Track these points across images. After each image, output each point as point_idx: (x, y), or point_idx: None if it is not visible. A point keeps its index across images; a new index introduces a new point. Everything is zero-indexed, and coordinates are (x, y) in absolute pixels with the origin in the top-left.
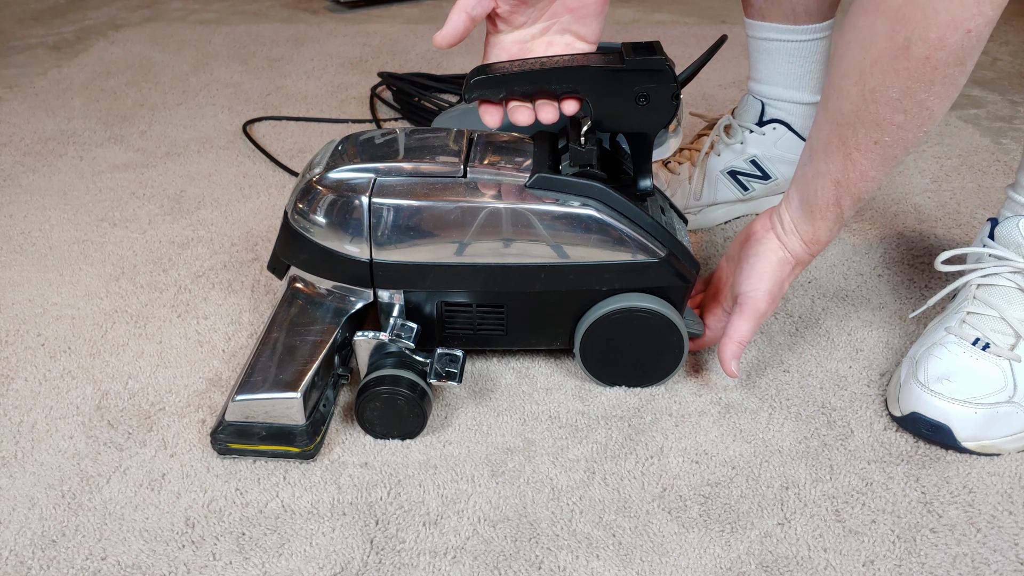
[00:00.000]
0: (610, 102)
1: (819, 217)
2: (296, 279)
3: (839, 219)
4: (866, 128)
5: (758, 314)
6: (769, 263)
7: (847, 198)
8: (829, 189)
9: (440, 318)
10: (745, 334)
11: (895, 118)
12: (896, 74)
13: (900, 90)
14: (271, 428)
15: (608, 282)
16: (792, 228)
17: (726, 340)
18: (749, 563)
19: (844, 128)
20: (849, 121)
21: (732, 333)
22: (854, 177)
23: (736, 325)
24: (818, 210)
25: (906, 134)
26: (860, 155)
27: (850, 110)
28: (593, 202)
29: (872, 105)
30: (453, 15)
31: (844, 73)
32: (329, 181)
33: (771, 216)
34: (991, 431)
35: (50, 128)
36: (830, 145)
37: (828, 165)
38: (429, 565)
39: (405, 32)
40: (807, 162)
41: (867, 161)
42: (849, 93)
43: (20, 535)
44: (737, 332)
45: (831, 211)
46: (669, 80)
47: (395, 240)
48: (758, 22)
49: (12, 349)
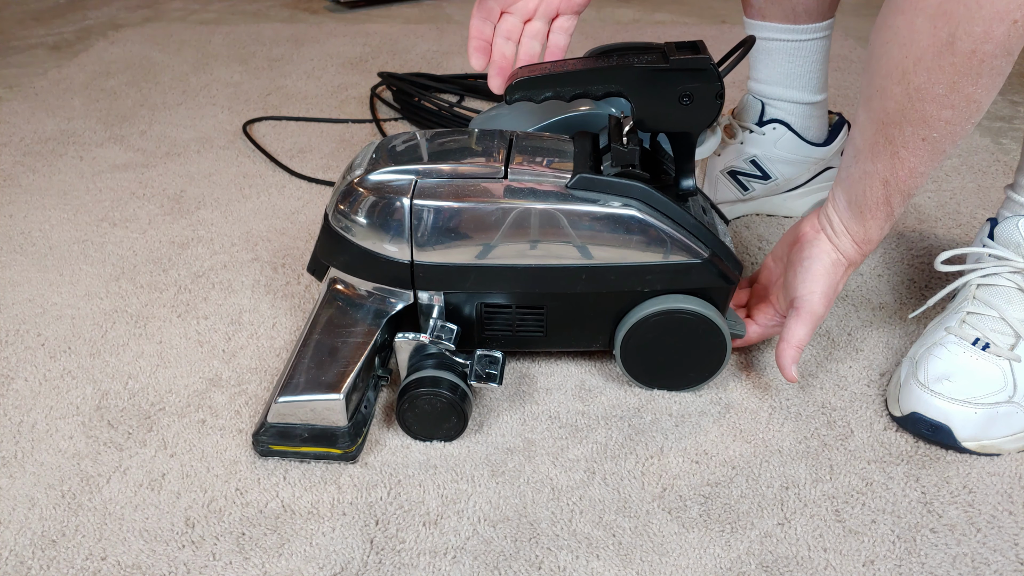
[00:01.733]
0: (653, 102)
1: (869, 217)
2: (336, 281)
3: (889, 217)
4: (913, 126)
5: (815, 317)
6: (823, 265)
7: (897, 196)
8: (878, 189)
9: (480, 319)
10: (803, 338)
11: (943, 114)
12: (941, 70)
13: (946, 86)
14: (313, 430)
15: (650, 283)
16: (843, 229)
17: (784, 345)
18: (749, 563)
19: (890, 128)
20: (895, 120)
21: (790, 338)
22: (903, 175)
23: (793, 329)
24: (868, 210)
25: (954, 128)
26: (908, 153)
27: (895, 109)
28: (635, 203)
29: (918, 103)
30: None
31: (885, 74)
32: (370, 183)
33: (819, 217)
34: (991, 431)
35: (50, 128)
36: (876, 145)
37: (875, 165)
38: (429, 565)
39: (405, 32)
40: (852, 163)
41: (915, 158)
42: (893, 93)
43: (20, 535)
44: (795, 336)
45: (881, 210)
46: (713, 79)
47: (436, 241)
48: (757, 22)
49: (12, 349)
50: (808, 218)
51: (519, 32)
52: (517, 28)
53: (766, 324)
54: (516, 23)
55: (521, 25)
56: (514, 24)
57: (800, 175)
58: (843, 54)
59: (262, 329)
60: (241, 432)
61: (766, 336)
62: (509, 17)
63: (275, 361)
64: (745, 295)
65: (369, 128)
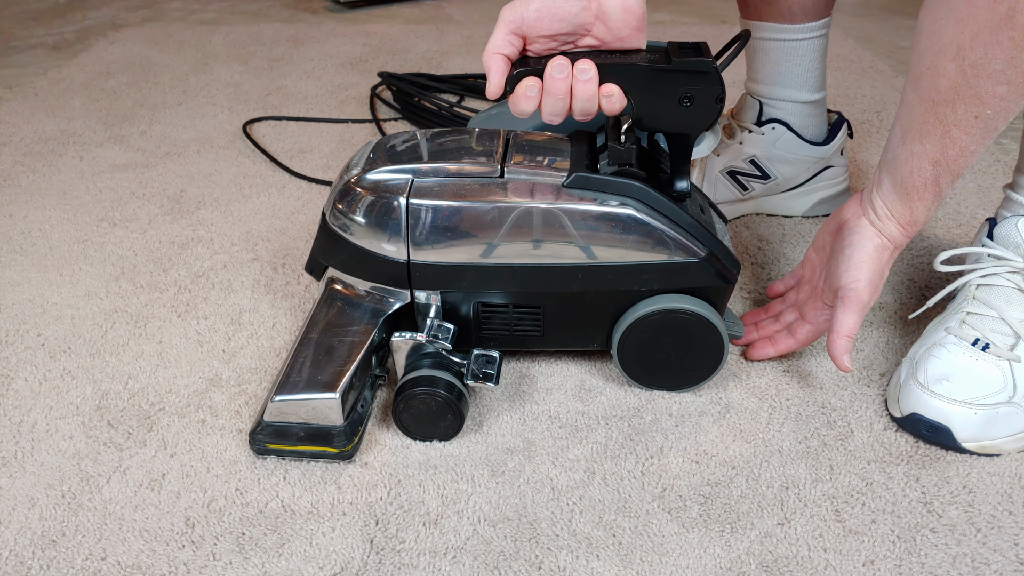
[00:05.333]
0: (653, 101)
1: (917, 198)
2: (334, 280)
3: (937, 197)
4: (966, 104)
5: (862, 304)
6: (867, 251)
7: (946, 176)
8: (927, 169)
9: (477, 319)
10: (852, 327)
11: (998, 90)
12: (1000, 45)
13: (1004, 61)
14: (309, 428)
15: (647, 283)
16: (886, 213)
17: (834, 336)
18: (749, 563)
19: (941, 106)
20: (947, 99)
21: (839, 328)
22: (953, 154)
23: (842, 319)
24: (915, 191)
25: (1009, 104)
26: (960, 131)
27: (947, 87)
28: (632, 201)
29: (973, 80)
30: (490, 62)
31: (938, 51)
32: (367, 182)
33: (860, 202)
34: (991, 431)
35: (50, 128)
36: (926, 124)
37: (924, 145)
38: (429, 565)
39: (405, 32)
40: (899, 144)
41: (967, 136)
42: (946, 70)
43: (20, 535)
44: (844, 326)
45: (929, 191)
46: (715, 82)
47: (433, 241)
48: (754, 22)
49: (12, 349)
50: (849, 204)
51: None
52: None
53: (817, 320)
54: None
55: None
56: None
57: (800, 174)
58: (843, 54)
59: (262, 329)
60: (241, 432)
61: (820, 333)
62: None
63: (275, 361)
64: (793, 294)
65: (369, 128)
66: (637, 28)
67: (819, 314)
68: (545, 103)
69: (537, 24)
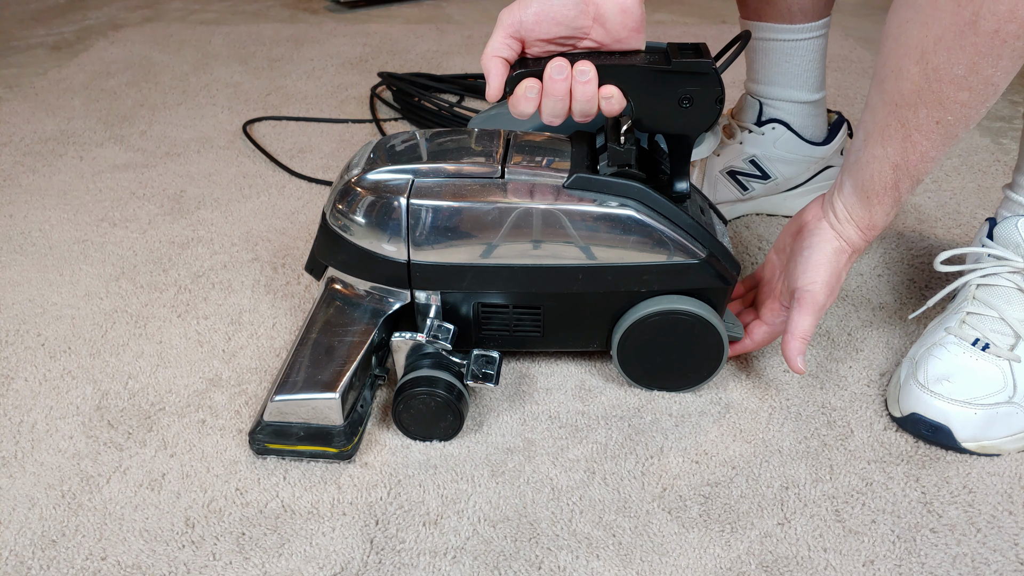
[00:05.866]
0: (653, 103)
1: (876, 202)
2: (334, 280)
3: (896, 202)
4: (928, 108)
5: (817, 306)
6: (824, 254)
7: (906, 181)
8: (887, 173)
9: (477, 319)
10: (807, 328)
11: (959, 96)
12: (962, 50)
13: (966, 67)
14: (309, 428)
15: (647, 283)
16: (846, 216)
17: (788, 337)
18: (749, 563)
19: (903, 109)
20: (909, 102)
21: (794, 329)
22: (914, 159)
23: (796, 320)
24: (875, 195)
25: (969, 111)
26: (921, 136)
27: (910, 90)
28: (632, 202)
29: (935, 84)
30: (489, 64)
31: (903, 53)
32: (367, 182)
33: (822, 205)
34: (991, 431)
35: (50, 128)
36: (888, 128)
37: (885, 149)
38: (429, 565)
39: (405, 32)
40: (861, 147)
41: (928, 142)
42: (909, 73)
43: (20, 535)
44: (799, 328)
45: (889, 195)
46: (715, 84)
47: (433, 241)
48: (754, 22)
49: (12, 349)
50: (810, 207)
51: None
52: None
53: (773, 322)
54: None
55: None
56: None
57: (800, 174)
58: (843, 54)
59: (262, 329)
60: (241, 432)
61: (776, 335)
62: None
63: (275, 361)
64: (751, 295)
65: (369, 128)
66: (635, 30)
67: (776, 315)
68: (545, 104)
69: (535, 27)
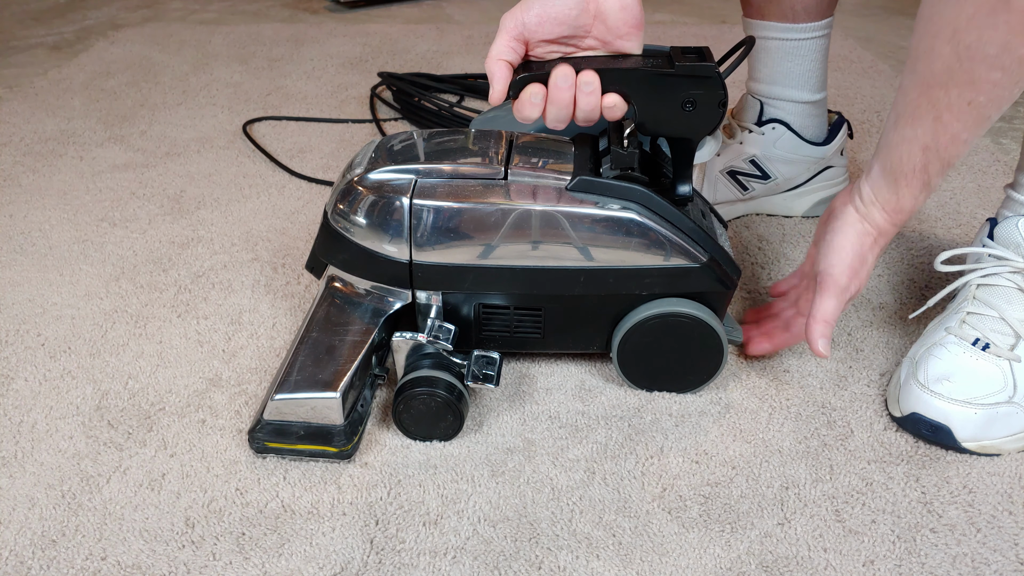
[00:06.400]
0: (656, 106)
1: (904, 184)
2: (334, 279)
3: (926, 186)
4: (959, 88)
5: (839, 289)
6: (847, 236)
7: (936, 163)
8: (916, 155)
9: (477, 320)
10: (829, 312)
11: (991, 75)
12: (995, 29)
13: (999, 45)
14: (309, 427)
15: (648, 286)
16: (871, 198)
17: (811, 320)
18: (749, 563)
19: (934, 89)
20: (941, 82)
21: (815, 312)
22: (944, 141)
23: (818, 303)
24: (903, 177)
25: (1002, 92)
26: (952, 117)
27: (942, 70)
28: (634, 205)
29: (967, 63)
30: (493, 68)
31: (935, 33)
32: (370, 182)
33: (850, 190)
34: (991, 431)
35: (50, 128)
36: (919, 108)
37: (916, 130)
38: (429, 565)
39: (405, 32)
40: (891, 129)
41: (959, 123)
42: (941, 52)
43: (20, 535)
44: (820, 310)
45: (917, 178)
46: (718, 87)
47: (435, 241)
48: (756, 21)
49: (12, 349)
50: (840, 193)
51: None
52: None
53: (808, 312)
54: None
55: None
56: None
57: (800, 174)
58: (843, 54)
59: (262, 329)
60: (241, 432)
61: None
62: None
63: (275, 361)
64: (794, 291)
65: (369, 128)
66: (635, 26)
67: (810, 305)
68: (549, 111)
69: (538, 29)
